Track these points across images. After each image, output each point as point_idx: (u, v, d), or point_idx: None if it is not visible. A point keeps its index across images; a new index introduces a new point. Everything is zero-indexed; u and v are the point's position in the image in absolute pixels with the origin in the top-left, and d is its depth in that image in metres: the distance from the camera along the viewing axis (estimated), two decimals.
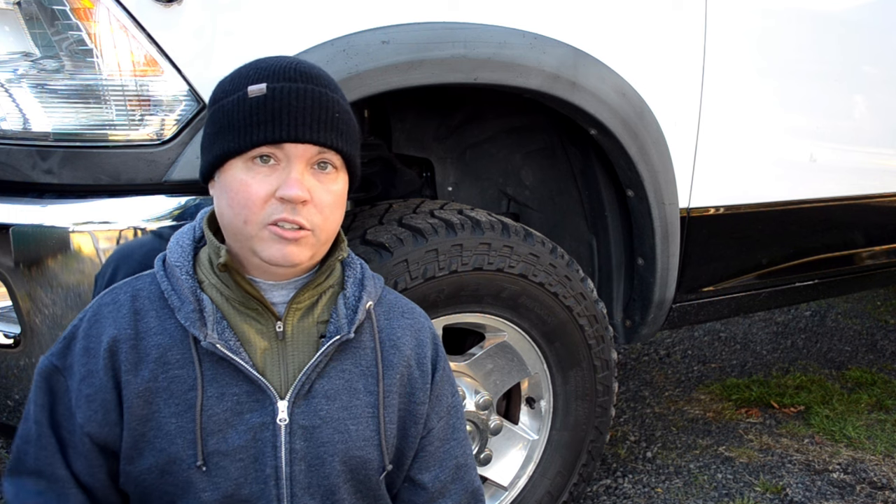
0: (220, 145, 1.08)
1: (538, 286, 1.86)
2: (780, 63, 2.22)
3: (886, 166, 2.66)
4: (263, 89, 1.05)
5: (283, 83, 1.06)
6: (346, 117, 1.11)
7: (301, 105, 1.06)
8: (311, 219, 1.07)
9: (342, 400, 1.15)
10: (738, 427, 2.92)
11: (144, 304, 1.13)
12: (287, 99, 1.05)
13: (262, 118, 1.05)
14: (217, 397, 1.10)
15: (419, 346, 1.24)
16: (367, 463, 1.17)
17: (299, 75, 1.08)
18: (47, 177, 1.45)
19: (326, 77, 1.12)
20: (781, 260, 2.45)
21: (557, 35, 1.77)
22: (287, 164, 1.06)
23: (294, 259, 1.08)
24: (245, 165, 1.07)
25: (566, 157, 2.18)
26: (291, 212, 1.06)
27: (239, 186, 1.07)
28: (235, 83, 1.09)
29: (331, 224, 1.11)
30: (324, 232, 1.10)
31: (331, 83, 1.12)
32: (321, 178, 1.09)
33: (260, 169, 1.06)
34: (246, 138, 1.05)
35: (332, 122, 1.08)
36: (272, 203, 1.06)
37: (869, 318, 4.35)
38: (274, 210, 1.06)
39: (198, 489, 1.09)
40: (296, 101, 1.05)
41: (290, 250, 1.07)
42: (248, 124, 1.05)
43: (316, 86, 1.08)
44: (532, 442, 2.03)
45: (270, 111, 1.05)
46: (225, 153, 1.07)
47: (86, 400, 1.09)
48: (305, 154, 1.07)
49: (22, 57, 1.41)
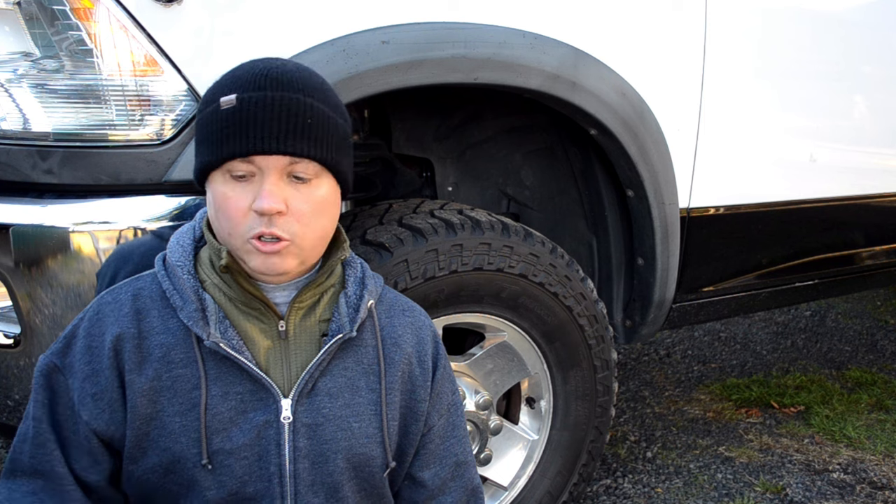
0: (199, 158, 1.09)
1: (538, 286, 1.86)
2: (780, 63, 2.22)
3: (886, 166, 2.66)
4: (233, 101, 1.04)
5: (251, 93, 1.05)
6: (320, 122, 1.07)
7: (269, 115, 1.04)
8: (289, 229, 1.06)
9: (345, 397, 1.16)
10: (738, 427, 2.92)
11: (146, 303, 1.13)
12: (254, 110, 1.04)
13: (231, 131, 1.04)
14: (221, 396, 1.10)
15: (420, 344, 1.24)
16: (370, 460, 1.17)
17: (270, 83, 1.05)
18: (47, 177, 1.45)
19: (304, 80, 1.08)
20: (781, 260, 2.45)
21: (557, 35, 1.77)
22: (261, 176, 1.06)
23: (278, 269, 1.09)
24: (223, 178, 1.07)
25: (566, 157, 2.18)
26: (268, 224, 1.05)
27: (221, 199, 1.07)
28: (214, 93, 1.09)
29: (312, 232, 1.09)
30: (305, 240, 1.09)
31: (307, 87, 1.08)
32: (299, 186, 1.08)
33: (237, 182, 1.06)
34: (217, 152, 1.05)
35: (303, 130, 1.05)
36: (251, 215, 1.06)
37: (869, 318, 4.35)
38: (253, 223, 1.06)
39: (202, 487, 1.10)
40: (262, 112, 1.04)
41: (272, 261, 1.08)
42: (219, 138, 1.05)
43: (287, 92, 1.05)
44: (532, 442, 2.03)
45: (238, 124, 1.04)
46: (204, 165, 1.08)
47: (91, 398, 1.09)
48: (277, 165, 1.05)
49: (22, 57, 1.41)
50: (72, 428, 1.11)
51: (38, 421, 1.10)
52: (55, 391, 1.11)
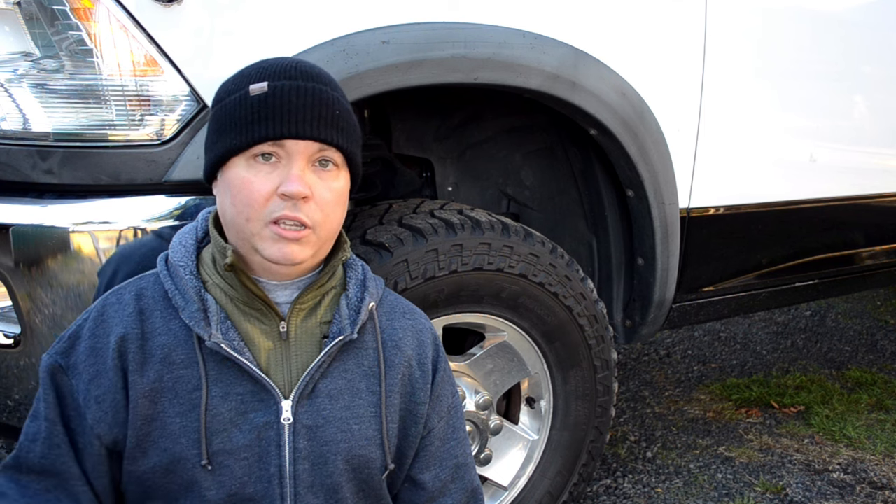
0: (222, 143, 1.09)
1: (538, 286, 1.86)
2: (780, 63, 2.22)
3: (886, 166, 2.66)
4: (265, 87, 1.07)
5: (284, 81, 1.07)
6: (346, 115, 1.12)
7: (302, 102, 1.07)
8: (312, 216, 1.08)
9: (345, 399, 1.16)
10: (738, 427, 2.92)
11: (149, 303, 1.14)
12: (288, 96, 1.06)
13: (263, 115, 1.06)
14: (221, 397, 1.11)
15: (420, 347, 1.24)
16: (369, 462, 1.18)
17: (300, 74, 1.09)
18: (47, 177, 1.45)
19: (327, 76, 1.14)
20: (781, 260, 2.45)
21: (557, 35, 1.77)
22: (288, 161, 1.07)
23: (295, 258, 1.09)
24: (247, 163, 1.08)
25: (566, 157, 2.18)
26: (293, 208, 1.07)
27: (241, 184, 1.07)
28: (238, 82, 1.11)
29: (331, 221, 1.12)
30: (324, 229, 1.11)
31: (331, 82, 1.13)
32: (322, 175, 1.10)
33: (262, 166, 1.07)
34: (248, 135, 1.06)
35: (333, 120, 1.09)
36: (274, 200, 1.07)
37: (869, 318, 4.35)
38: (276, 207, 1.07)
39: (202, 488, 1.10)
40: (297, 99, 1.07)
41: (291, 249, 1.08)
42: (249, 121, 1.06)
43: (317, 84, 1.10)
44: (532, 442, 2.03)
45: (272, 108, 1.06)
46: (227, 150, 1.08)
47: (95, 401, 1.09)
48: (307, 151, 1.08)
49: (22, 57, 1.41)
50: (79, 431, 1.11)
51: (51, 422, 1.10)
52: (61, 392, 1.11)
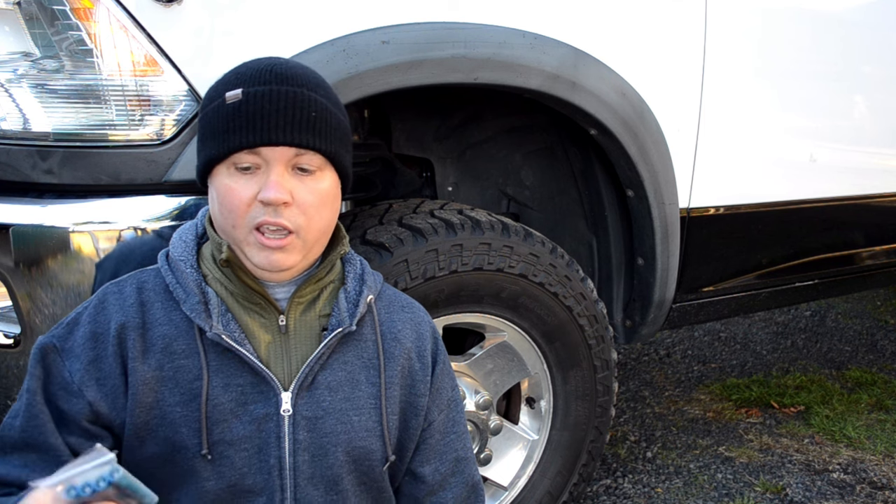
0: (204, 152, 1.11)
1: (538, 286, 1.86)
2: (780, 63, 2.22)
3: (886, 166, 2.66)
4: (239, 95, 1.07)
5: (258, 87, 1.07)
6: (324, 115, 1.11)
7: (275, 108, 1.06)
8: (295, 220, 1.09)
9: (345, 391, 1.16)
10: (738, 427, 2.92)
11: (150, 295, 1.14)
12: (261, 103, 1.06)
13: (237, 125, 1.06)
14: (222, 387, 1.11)
15: (419, 339, 1.25)
16: (370, 453, 1.18)
17: (274, 78, 1.08)
18: (47, 177, 1.45)
19: (307, 76, 1.12)
20: (781, 260, 2.45)
21: (557, 35, 1.77)
22: (267, 168, 1.08)
23: (281, 265, 1.10)
24: (228, 171, 1.09)
25: (566, 157, 2.18)
26: (273, 214, 1.07)
27: (225, 191, 1.09)
28: (217, 89, 1.11)
29: (316, 224, 1.12)
30: (309, 233, 1.11)
31: (310, 82, 1.11)
32: (303, 178, 1.10)
33: (243, 173, 1.08)
34: (224, 145, 1.07)
35: (308, 123, 1.08)
36: (256, 206, 1.08)
37: (869, 318, 4.35)
38: (257, 213, 1.08)
39: (201, 478, 1.11)
40: (269, 105, 1.06)
41: (276, 257, 1.09)
42: (225, 131, 1.07)
43: (291, 87, 1.08)
44: (532, 442, 2.03)
45: (245, 116, 1.06)
46: (209, 160, 1.10)
47: (96, 382, 1.10)
48: (283, 156, 1.08)
49: (22, 57, 1.41)
50: (65, 405, 1.10)
51: (32, 393, 1.09)
52: (49, 370, 1.11)
